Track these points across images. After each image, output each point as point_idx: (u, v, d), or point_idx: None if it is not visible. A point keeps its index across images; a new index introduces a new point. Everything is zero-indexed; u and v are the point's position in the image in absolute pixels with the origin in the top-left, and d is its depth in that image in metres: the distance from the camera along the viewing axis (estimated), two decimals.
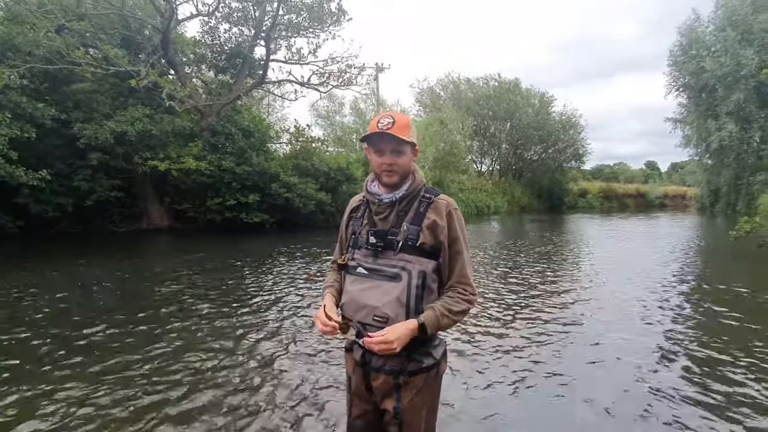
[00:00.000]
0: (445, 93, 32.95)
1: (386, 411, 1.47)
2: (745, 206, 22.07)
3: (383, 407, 1.48)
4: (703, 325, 4.53)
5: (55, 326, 4.30)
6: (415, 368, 1.44)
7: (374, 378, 1.48)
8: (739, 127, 22.95)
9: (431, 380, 1.47)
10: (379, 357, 1.46)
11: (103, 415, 2.63)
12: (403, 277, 1.38)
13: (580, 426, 2.60)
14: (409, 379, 1.44)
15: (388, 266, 1.41)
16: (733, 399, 2.88)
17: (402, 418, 1.44)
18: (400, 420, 1.44)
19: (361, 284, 1.44)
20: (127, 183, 13.44)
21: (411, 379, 1.44)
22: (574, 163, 35.45)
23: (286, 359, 3.54)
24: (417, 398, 1.44)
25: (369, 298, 1.40)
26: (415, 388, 1.44)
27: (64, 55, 11.16)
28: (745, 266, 8.13)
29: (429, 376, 1.46)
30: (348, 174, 15.45)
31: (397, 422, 1.45)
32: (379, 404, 1.49)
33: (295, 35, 15.70)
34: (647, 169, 69.58)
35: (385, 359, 1.45)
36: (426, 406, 1.47)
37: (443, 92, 33.03)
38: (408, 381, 1.44)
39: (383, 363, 1.46)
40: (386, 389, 1.46)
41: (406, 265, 1.40)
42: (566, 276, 7.25)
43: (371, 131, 1.42)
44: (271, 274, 7.04)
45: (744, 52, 21.84)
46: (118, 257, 8.99)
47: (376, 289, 1.40)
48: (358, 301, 1.43)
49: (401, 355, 1.41)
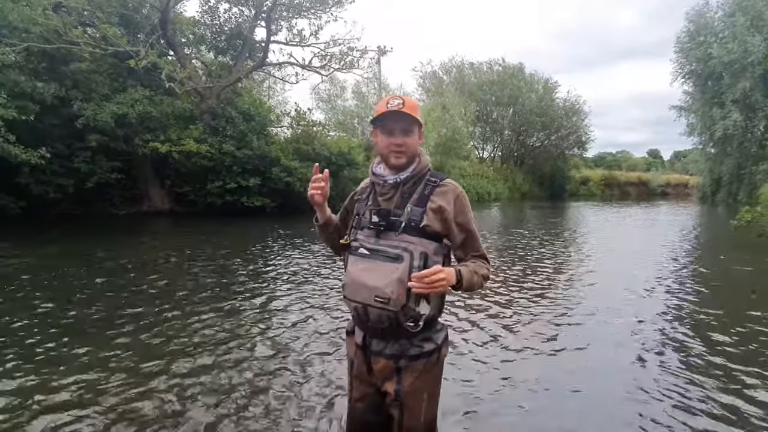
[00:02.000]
0: (449, 77, 32.58)
1: (387, 393, 1.49)
2: (746, 196, 21.96)
3: (384, 390, 1.50)
4: (699, 311, 4.55)
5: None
6: (416, 353, 1.45)
7: (375, 362, 1.49)
8: (744, 116, 22.69)
9: (432, 365, 1.48)
10: (380, 341, 1.47)
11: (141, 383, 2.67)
12: (404, 258, 1.37)
13: (573, 411, 2.64)
14: (409, 363, 1.45)
15: (390, 247, 1.40)
16: (726, 379, 2.92)
17: (403, 401, 1.46)
18: (400, 403, 1.46)
19: (362, 265, 1.43)
20: (127, 165, 13.38)
21: (411, 364, 1.45)
22: (577, 151, 35.30)
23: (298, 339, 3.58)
24: (418, 382, 1.46)
25: (370, 279, 1.39)
26: (415, 372, 1.45)
27: (61, 34, 10.98)
28: (745, 256, 8.13)
29: (429, 361, 1.47)
30: (350, 159, 15.37)
31: (398, 405, 1.46)
32: (380, 387, 1.51)
33: (296, 16, 15.41)
34: (650, 158, 69.21)
35: (386, 343, 1.46)
36: (427, 390, 1.49)
37: (446, 77, 32.66)
38: (408, 365, 1.45)
39: (384, 347, 1.47)
40: (387, 372, 1.48)
41: (408, 246, 1.39)
42: (564, 265, 7.27)
43: (382, 111, 1.42)
44: (271, 258, 7.07)
45: (752, 39, 21.46)
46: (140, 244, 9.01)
47: (378, 269, 1.39)
48: (359, 281, 1.42)
49: (402, 339, 1.43)
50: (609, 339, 3.77)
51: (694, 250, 9.09)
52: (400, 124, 1.43)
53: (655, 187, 39.42)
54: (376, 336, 1.48)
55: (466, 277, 1.37)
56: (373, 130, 1.51)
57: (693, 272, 6.71)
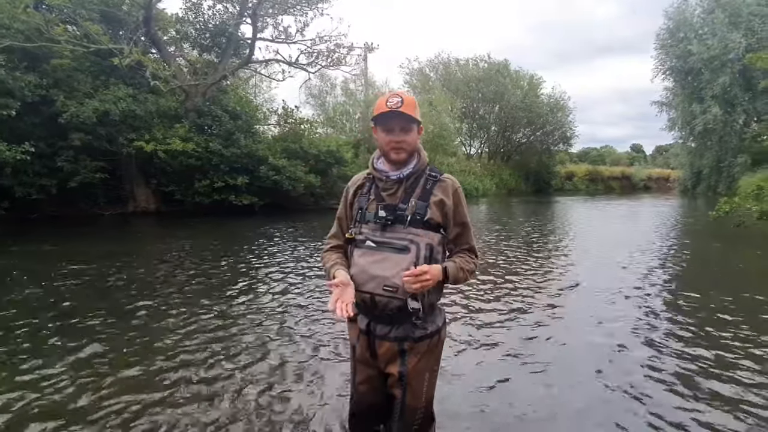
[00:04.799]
0: (435, 74, 32.69)
1: (390, 375, 1.56)
2: (725, 188, 22.62)
3: (388, 371, 1.56)
4: (676, 296, 4.72)
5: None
6: (420, 335, 1.52)
7: (379, 345, 1.56)
8: (723, 111, 23.32)
9: (433, 346, 1.56)
10: (384, 325, 1.54)
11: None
12: (411, 249, 1.45)
13: (557, 399, 2.74)
14: (413, 345, 1.52)
15: (397, 239, 1.48)
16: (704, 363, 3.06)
17: (407, 381, 1.53)
18: (404, 383, 1.53)
19: (370, 256, 1.50)
20: (111, 165, 13.14)
21: (416, 345, 1.53)
22: (562, 146, 35.73)
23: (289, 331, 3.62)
24: (421, 363, 1.53)
25: (379, 269, 1.46)
26: (419, 353, 1.53)
27: (42, 32, 10.75)
28: (721, 246, 8.42)
29: (432, 342, 1.55)
30: (338, 156, 15.37)
31: (402, 385, 1.54)
32: (384, 369, 1.58)
33: (282, 13, 15.32)
34: (633, 152, 70.51)
35: (390, 327, 1.52)
36: (428, 369, 1.56)
37: (433, 73, 32.76)
38: (413, 347, 1.52)
39: (388, 331, 1.54)
40: (391, 355, 1.54)
41: (414, 238, 1.47)
42: (552, 255, 7.43)
43: (380, 111, 1.48)
44: (262, 256, 7.07)
45: (731, 35, 22.03)
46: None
47: (386, 260, 1.47)
48: (368, 272, 1.48)
49: (406, 322, 1.50)
50: (588, 317, 3.91)
51: (672, 238, 9.36)
52: (399, 123, 1.49)
53: (638, 181, 40.18)
54: (382, 322, 1.54)
55: (452, 273, 1.48)
56: (374, 127, 1.56)
57: (669, 258, 6.95)
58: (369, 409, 1.65)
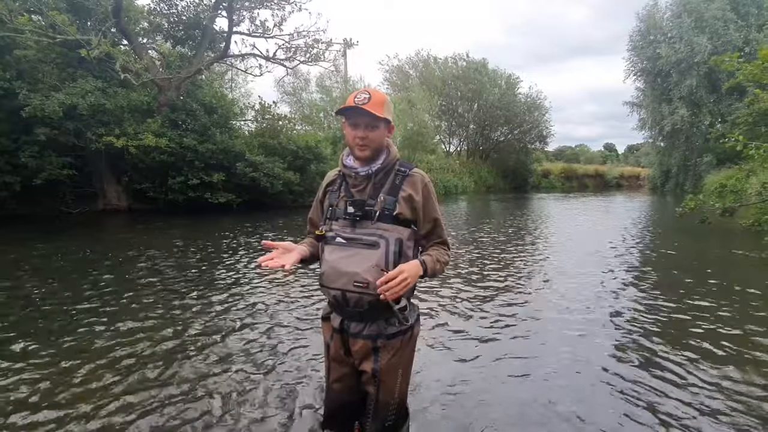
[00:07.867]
0: (415, 72, 32.78)
1: (364, 372, 1.56)
2: (692, 186, 23.55)
3: (361, 368, 1.57)
4: (645, 290, 4.90)
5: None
6: (393, 331, 1.53)
7: (353, 343, 1.55)
8: (690, 112, 24.26)
9: (406, 342, 1.57)
10: (357, 323, 1.53)
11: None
12: (381, 244, 1.45)
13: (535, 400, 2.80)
14: (387, 342, 1.53)
15: (366, 235, 1.47)
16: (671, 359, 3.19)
17: (380, 377, 1.53)
18: (378, 379, 1.54)
19: (340, 253, 1.49)
20: (80, 161, 12.65)
21: (389, 342, 1.53)
22: (539, 145, 36.43)
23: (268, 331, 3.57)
24: (394, 359, 1.54)
25: (349, 266, 1.45)
26: (392, 349, 1.53)
27: (5, 22, 10.23)
28: (686, 240, 8.76)
29: (404, 339, 1.55)
30: (317, 153, 15.23)
31: (376, 381, 1.54)
32: (358, 366, 1.58)
33: (258, 6, 15.03)
34: (606, 151, 72.65)
35: (363, 325, 1.52)
36: (402, 366, 1.57)
37: (413, 71, 32.85)
38: (386, 344, 1.53)
39: (362, 328, 1.53)
40: (365, 352, 1.54)
41: (383, 233, 1.46)
42: (526, 249, 7.58)
43: (348, 105, 1.47)
44: (236, 252, 6.96)
45: (698, 39, 22.89)
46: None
47: (355, 256, 1.46)
48: (338, 268, 1.47)
49: (380, 319, 1.49)
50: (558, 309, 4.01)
51: (641, 233, 9.68)
52: (365, 119, 1.47)
53: (611, 179, 41.36)
54: (354, 319, 1.53)
55: (430, 267, 1.48)
56: (344, 122, 1.55)
57: (636, 250, 7.20)
58: (343, 407, 1.64)
